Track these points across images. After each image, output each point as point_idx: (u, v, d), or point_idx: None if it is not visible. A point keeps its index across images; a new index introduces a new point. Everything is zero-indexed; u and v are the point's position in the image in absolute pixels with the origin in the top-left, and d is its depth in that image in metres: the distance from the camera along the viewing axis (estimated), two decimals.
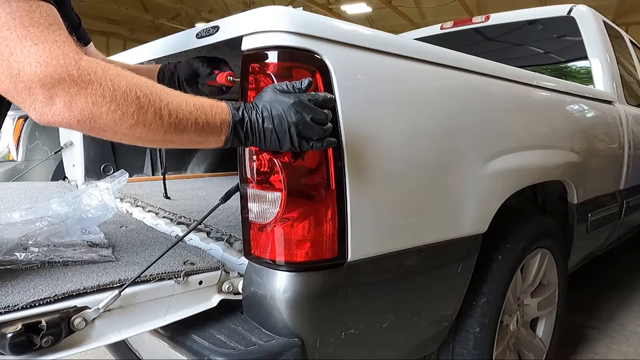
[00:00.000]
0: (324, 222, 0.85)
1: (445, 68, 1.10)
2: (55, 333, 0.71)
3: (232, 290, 0.96)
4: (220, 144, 0.77)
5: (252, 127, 0.76)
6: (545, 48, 2.57)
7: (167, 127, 0.70)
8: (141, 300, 0.83)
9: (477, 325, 1.26)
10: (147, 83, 0.70)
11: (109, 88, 0.65)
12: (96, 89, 0.64)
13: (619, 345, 2.14)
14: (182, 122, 0.71)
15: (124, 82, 0.66)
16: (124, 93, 0.66)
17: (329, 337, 0.92)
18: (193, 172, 2.29)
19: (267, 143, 0.77)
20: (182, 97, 0.73)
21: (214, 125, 0.74)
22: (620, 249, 3.17)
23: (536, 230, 1.48)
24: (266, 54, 0.82)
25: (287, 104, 0.75)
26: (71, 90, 0.62)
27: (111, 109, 0.65)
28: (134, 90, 0.67)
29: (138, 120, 0.67)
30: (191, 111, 0.72)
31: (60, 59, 0.62)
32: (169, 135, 0.71)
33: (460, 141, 1.11)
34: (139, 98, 0.67)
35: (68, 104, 0.63)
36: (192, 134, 0.73)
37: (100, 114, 0.64)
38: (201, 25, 1.01)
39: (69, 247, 0.96)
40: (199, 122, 0.73)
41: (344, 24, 0.91)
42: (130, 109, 0.66)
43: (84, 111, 0.64)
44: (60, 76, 0.62)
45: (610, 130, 2.05)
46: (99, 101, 0.64)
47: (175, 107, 0.70)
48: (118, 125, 0.66)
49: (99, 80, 0.64)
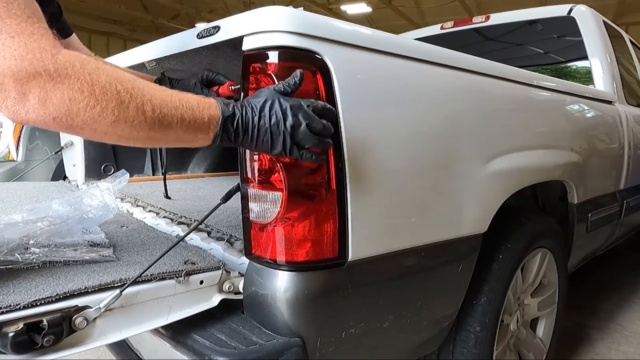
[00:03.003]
0: (325, 222, 0.85)
1: (446, 68, 1.10)
2: (57, 332, 0.71)
3: (233, 290, 0.96)
4: (209, 141, 0.73)
5: (244, 125, 0.73)
6: (545, 48, 2.57)
7: (151, 123, 0.66)
8: (142, 300, 0.83)
9: (478, 324, 1.26)
10: (128, 77, 0.67)
11: (87, 82, 0.61)
12: (73, 83, 0.60)
13: (619, 345, 2.14)
14: (167, 118, 0.67)
15: (103, 76, 0.63)
16: (103, 87, 0.62)
17: (330, 337, 0.92)
18: (193, 172, 2.29)
19: (258, 143, 0.74)
20: (167, 92, 0.70)
21: (202, 121, 0.71)
22: (620, 249, 3.17)
23: (536, 230, 1.48)
24: (267, 54, 0.82)
25: (285, 105, 0.74)
26: (46, 86, 0.59)
27: (89, 104, 0.61)
28: (114, 84, 0.64)
29: (119, 116, 0.64)
30: (177, 106, 0.69)
31: (37, 52, 0.59)
32: (153, 132, 0.67)
33: (460, 141, 1.11)
34: (120, 93, 0.64)
35: (43, 100, 0.59)
36: (178, 131, 0.69)
37: (78, 111, 0.61)
38: (201, 25, 1.02)
39: (70, 247, 0.96)
40: (186, 117, 0.69)
41: (345, 24, 0.91)
42: (110, 104, 0.63)
43: (60, 107, 0.60)
44: (36, 70, 0.58)
45: (611, 130, 2.05)
46: (76, 96, 0.61)
47: (159, 102, 0.67)
48: (97, 123, 0.63)
49: (76, 74, 0.61)
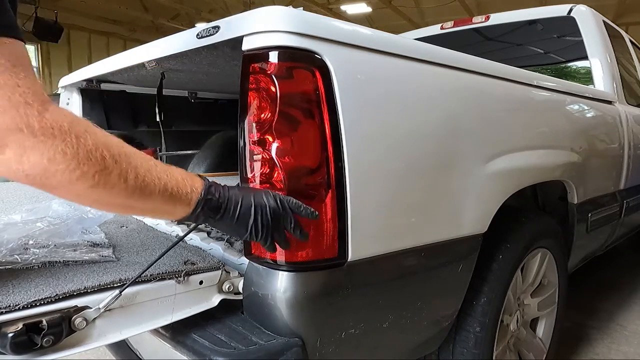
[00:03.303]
0: (324, 222, 0.85)
1: (446, 68, 1.10)
2: (56, 333, 0.71)
3: (233, 290, 0.96)
4: (187, 214, 0.74)
5: (225, 203, 0.76)
6: (545, 48, 2.57)
7: (131, 191, 0.65)
8: (142, 300, 0.83)
9: (478, 324, 1.26)
10: (117, 143, 0.65)
11: (72, 145, 0.59)
12: (57, 144, 0.58)
13: (619, 345, 2.14)
14: (149, 187, 0.67)
15: (90, 140, 0.61)
16: (88, 151, 0.60)
17: (330, 337, 0.92)
18: (193, 171, 2.27)
19: (235, 223, 0.77)
20: (153, 162, 0.69)
21: (184, 192, 0.71)
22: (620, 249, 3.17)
23: (536, 230, 1.48)
24: (267, 54, 0.82)
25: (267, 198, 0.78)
26: (25, 143, 0.56)
27: (70, 167, 0.59)
28: (101, 149, 0.61)
29: (99, 181, 0.61)
30: (160, 176, 0.68)
31: (21, 108, 0.56)
32: (131, 201, 0.66)
33: (460, 141, 1.11)
34: (105, 158, 0.62)
35: (18, 156, 0.57)
36: (157, 201, 0.68)
37: (55, 172, 0.58)
38: (201, 25, 1.02)
39: (69, 247, 0.96)
40: (168, 188, 0.69)
41: (344, 24, 0.91)
42: (92, 169, 0.60)
43: (36, 167, 0.57)
44: (17, 126, 0.55)
45: (611, 130, 2.05)
46: (57, 158, 0.58)
47: (144, 171, 0.66)
48: (74, 185, 0.60)
49: (62, 135, 0.58)
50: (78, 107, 1.79)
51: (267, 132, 0.81)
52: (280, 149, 0.81)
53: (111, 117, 1.88)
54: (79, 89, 1.78)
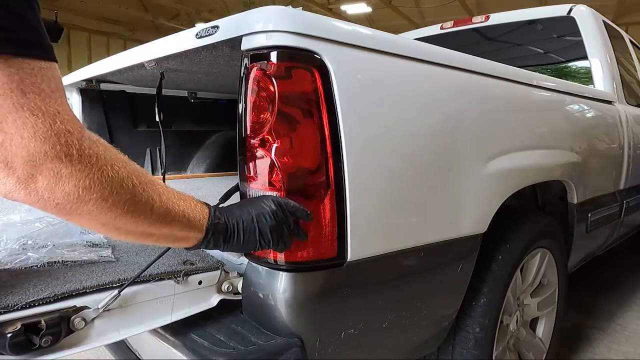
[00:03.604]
0: (324, 222, 0.84)
1: (445, 68, 1.10)
2: (55, 333, 0.71)
3: (232, 290, 0.96)
4: (198, 240, 0.74)
5: (230, 222, 0.76)
6: (545, 48, 2.57)
7: (155, 218, 0.65)
8: (141, 300, 0.83)
9: (477, 325, 1.26)
10: (141, 170, 0.65)
11: (108, 173, 0.58)
12: (94, 173, 0.57)
13: (619, 345, 2.14)
14: (170, 214, 0.67)
15: (123, 168, 0.60)
16: (121, 180, 0.59)
17: (329, 337, 0.92)
18: (193, 172, 2.29)
19: (244, 241, 0.77)
20: (170, 189, 0.69)
21: (198, 219, 0.72)
22: (620, 248, 3.17)
23: (536, 230, 1.48)
24: (266, 54, 0.82)
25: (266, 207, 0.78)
26: (63, 171, 0.54)
27: (104, 195, 0.58)
28: (132, 177, 0.61)
29: (127, 210, 0.61)
30: (179, 203, 0.69)
31: (62, 135, 0.54)
32: (152, 228, 0.66)
33: (459, 141, 1.11)
34: (135, 186, 0.61)
35: (52, 185, 0.54)
36: (175, 227, 0.69)
37: (88, 200, 0.57)
38: (201, 25, 1.01)
39: (68, 247, 0.96)
40: (186, 214, 0.69)
41: (344, 24, 0.91)
42: (124, 197, 0.60)
43: (70, 195, 0.56)
44: (57, 155, 0.53)
45: (610, 130, 2.05)
46: (92, 187, 0.57)
47: (166, 198, 0.66)
48: (102, 214, 0.59)
49: (99, 163, 0.57)
50: (77, 107, 1.79)
51: (266, 133, 0.81)
52: (279, 149, 0.81)
53: (111, 117, 1.88)
54: (78, 89, 1.78)
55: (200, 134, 2.25)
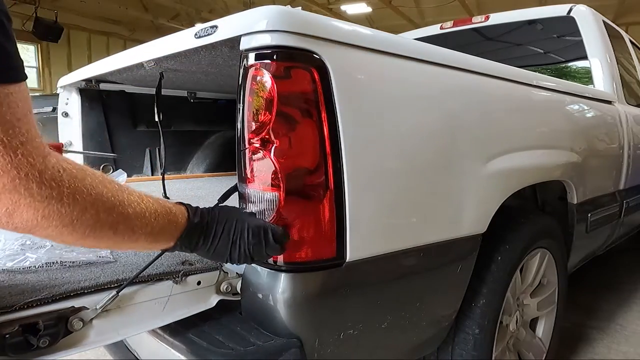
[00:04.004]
0: (323, 222, 0.84)
1: (445, 68, 1.09)
2: (53, 334, 0.70)
3: (231, 291, 0.96)
4: (166, 249, 0.75)
5: (204, 236, 0.76)
6: (545, 48, 2.56)
7: (119, 240, 0.65)
8: (139, 301, 0.83)
9: (476, 326, 1.25)
10: (112, 192, 0.63)
11: (69, 205, 0.56)
12: (53, 204, 0.55)
13: (619, 345, 2.14)
14: (135, 233, 0.66)
15: (87, 196, 0.58)
16: (83, 209, 0.58)
17: (328, 338, 0.92)
18: (193, 172, 2.29)
19: (212, 255, 0.78)
20: (144, 204, 0.67)
21: (168, 232, 0.72)
22: (620, 249, 3.17)
23: (535, 230, 1.48)
24: (264, 54, 0.82)
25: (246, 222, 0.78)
26: (21, 201, 0.53)
27: (64, 222, 0.57)
28: (96, 205, 0.59)
29: (89, 234, 0.60)
30: (148, 222, 0.67)
31: (22, 169, 0.52)
32: (118, 245, 0.66)
33: (459, 141, 1.11)
34: (98, 214, 0.60)
35: (10, 212, 0.53)
36: (141, 242, 0.69)
37: (47, 227, 0.56)
38: (200, 25, 1.01)
39: (66, 247, 0.95)
40: (154, 232, 0.69)
41: (343, 24, 0.91)
42: (85, 224, 0.58)
43: (28, 222, 0.55)
44: (15, 188, 0.52)
45: (610, 130, 2.05)
46: (51, 216, 0.55)
47: (134, 218, 0.65)
48: (64, 237, 0.59)
49: (60, 195, 0.55)
50: (77, 107, 1.79)
51: (265, 133, 0.81)
52: (277, 150, 0.81)
53: (110, 117, 1.88)
54: (78, 89, 1.78)
55: (199, 134, 2.25)
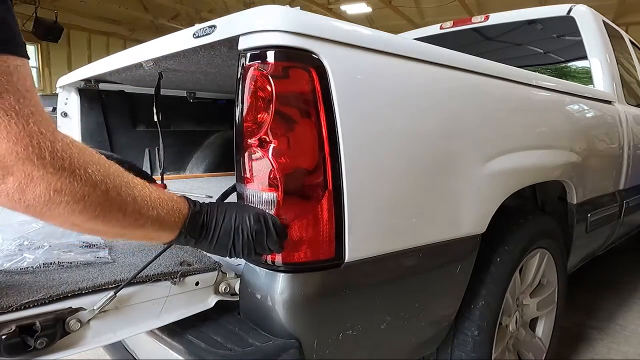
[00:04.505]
0: (321, 222, 0.84)
1: (445, 68, 1.09)
2: (50, 334, 0.70)
3: (229, 291, 0.96)
4: (170, 239, 0.75)
5: (208, 222, 0.76)
6: (545, 48, 2.56)
7: (128, 222, 0.65)
8: (137, 301, 0.82)
9: (476, 327, 1.25)
10: (118, 172, 0.64)
11: (81, 177, 0.57)
12: (66, 176, 0.56)
13: (619, 345, 2.14)
14: (143, 217, 0.66)
15: (97, 172, 0.59)
16: (94, 183, 0.58)
17: (327, 338, 0.91)
18: (192, 172, 2.29)
19: (214, 248, 0.78)
20: (147, 190, 0.68)
21: (172, 221, 0.72)
22: (620, 249, 3.17)
23: (535, 231, 1.48)
24: (263, 54, 0.81)
25: (248, 212, 0.79)
26: (34, 173, 0.53)
27: (75, 198, 0.57)
28: (106, 181, 0.60)
29: (99, 214, 0.60)
30: (154, 205, 0.68)
31: (34, 137, 0.53)
32: (124, 230, 0.66)
33: (459, 141, 1.10)
34: (108, 191, 0.60)
35: (23, 187, 0.54)
36: (147, 229, 0.69)
37: (59, 203, 0.56)
38: (199, 25, 1.01)
39: (64, 248, 0.95)
40: (160, 218, 0.69)
41: (342, 24, 0.91)
42: (95, 201, 0.59)
43: (40, 198, 0.55)
44: (29, 157, 0.52)
45: (610, 131, 2.04)
46: (63, 190, 0.56)
47: (141, 201, 0.66)
48: (74, 216, 0.59)
49: (72, 167, 0.56)
50: (76, 107, 1.78)
51: (263, 133, 0.81)
52: (276, 150, 0.81)
53: (109, 117, 1.88)
54: (77, 88, 1.77)
55: (199, 133, 2.24)
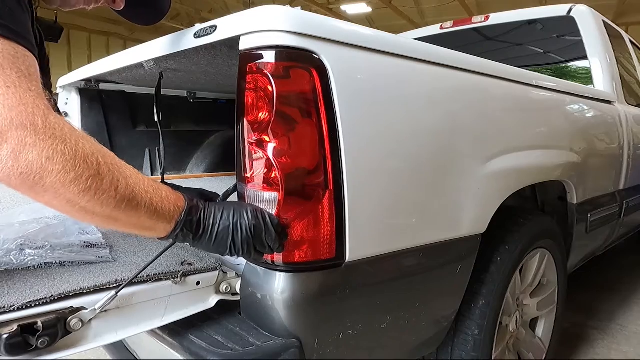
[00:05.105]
0: (322, 222, 0.84)
1: (445, 68, 1.09)
2: (52, 334, 0.70)
3: (230, 291, 0.96)
4: (167, 232, 0.74)
5: (205, 220, 0.77)
6: (545, 48, 2.56)
7: (120, 200, 0.65)
8: (138, 301, 0.83)
9: (476, 327, 1.25)
10: (110, 153, 0.67)
11: (72, 147, 0.60)
12: (57, 144, 0.59)
13: (619, 345, 2.14)
14: (136, 199, 0.67)
15: (88, 145, 0.63)
16: (85, 155, 0.61)
17: (327, 338, 0.91)
18: (192, 172, 2.28)
19: (216, 240, 0.78)
20: (141, 176, 0.70)
21: (167, 210, 0.72)
22: (620, 249, 3.17)
23: (535, 231, 1.48)
24: (264, 54, 0.81)
25: (245, 210, 0.79)
26: (27, 140, 0.57)
27: (66, 168, 0.59)
28: (97, 155, 0.63)
29: (91, 186, 0.62)
30: (148, 190, 0.69)
31: (29, 106, 0.58)
32: (117, 212, 0.66)
33: (459, 141, 1.11)
34: (100, 164, 0.63)
35: (16, 153, 0.57)
36: (142, 215, 0.69)
37: (51, 172, 0.58)
38: (200, 25, 1.01)
39: (66, 247, 0.95)
40: (154, 203, 0.70)
41: (343, 24, 0.91)
42: (87, 172, 0.61)
43: (33, 165, 0.57)
44: (22, 123, 0.57)
45: (610, 131, 2.04)
46: (55, 157, 0.59)
47: (134, 182, 0.67)
48: (65, 188, 0.60)
49: (63, 137, 0.60)
50: (77, 107, 1.78)
51: (264, 132, 0.81)
52: (277, 149, 0.81)
53: (110, 117, 1.88)
54: (77, 88, 1.77)
55: (199, 133, 2.24)
